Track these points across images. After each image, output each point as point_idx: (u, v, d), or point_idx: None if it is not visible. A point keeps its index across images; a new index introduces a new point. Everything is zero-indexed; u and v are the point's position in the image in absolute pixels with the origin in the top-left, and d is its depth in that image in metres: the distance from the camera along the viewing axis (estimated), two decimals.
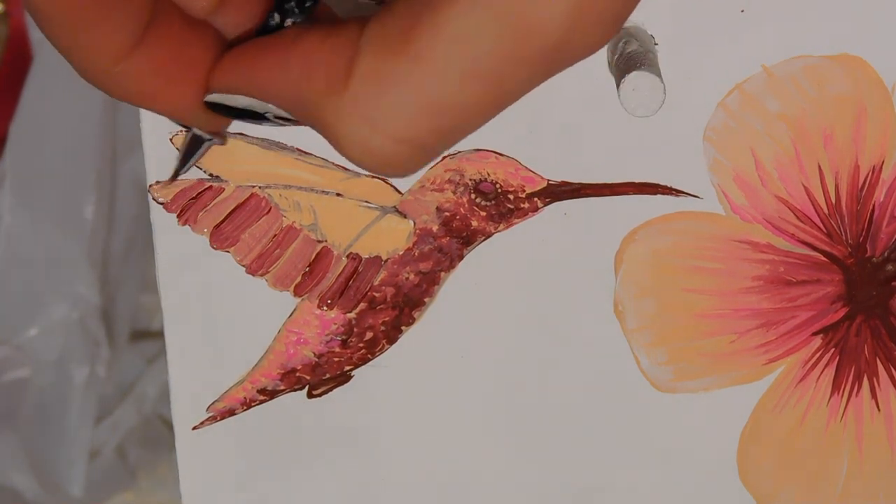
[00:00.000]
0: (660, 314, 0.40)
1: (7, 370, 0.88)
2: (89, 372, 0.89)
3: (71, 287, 0.88)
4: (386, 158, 0.29)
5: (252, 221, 0.39)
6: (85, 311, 0.89)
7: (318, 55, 0.29)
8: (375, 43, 0.29)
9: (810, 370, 0.41)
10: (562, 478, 0.42)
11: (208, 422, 0.41)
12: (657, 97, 0.35)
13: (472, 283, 0.40)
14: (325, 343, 0.40)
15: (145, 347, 0.94)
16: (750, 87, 0.38)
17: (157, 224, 0.40)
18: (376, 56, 0.29)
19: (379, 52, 0.29)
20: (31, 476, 0.87)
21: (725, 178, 0.39)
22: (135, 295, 0.93)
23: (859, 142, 0.38)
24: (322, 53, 0.29)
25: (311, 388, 0.41)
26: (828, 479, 0.42)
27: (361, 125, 0.29)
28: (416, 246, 0.39)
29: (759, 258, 0.40)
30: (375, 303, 0.40)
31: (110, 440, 0.91)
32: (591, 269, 0.40)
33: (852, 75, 0.38)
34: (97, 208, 0.88)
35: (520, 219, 0.39)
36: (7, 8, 0.91)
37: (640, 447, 0.41)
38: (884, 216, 0.39)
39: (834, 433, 0.41)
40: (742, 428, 0.41)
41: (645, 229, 0.40)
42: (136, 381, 0.93)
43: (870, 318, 0.40)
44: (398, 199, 0.39)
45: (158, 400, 0.93)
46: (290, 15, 0.31)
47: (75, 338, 0.89)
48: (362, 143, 0.29)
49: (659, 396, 0.41)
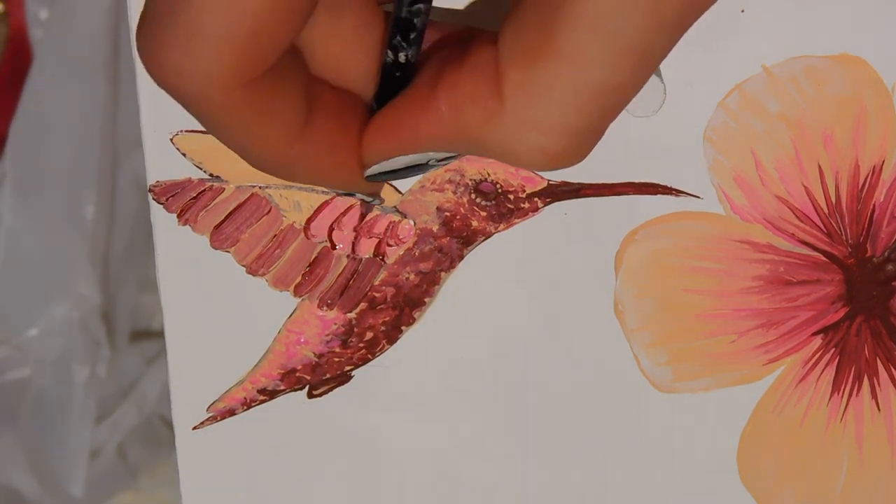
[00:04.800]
0: (660, 314, 0.40)
1: (7, 370, 0.88)
2: (89, 372, 0.89)
3: (71, 287, 0.88)
4: (560, 154, 0.30)
5: (252, 221, 0.39)
6: (85, 311, 0.89)
7: (462, 89, 0.30)
8: (516, 55, 0.29)
9: (810, 370, 0.41)
10: (562, 478, 0.42)
11: (208, 422, 0.41)
12: (657, 97, 0.35)
13: (472, 283, 0.40)
14: (326, 343, 0.40)
15: (145, 347, 0.94)
16: (750, 87, 0.38)
17: (157, 224, 0.40)
18: (522, 67, 0.29)
19: (523, 62, 0.29)
20: (31, 476, 0.87)
21: (725, 178, 0.39)
22: (135, 295, 0.93)
23: (859, 142, 0.38)
24: (465, 86, 0.30)
25: (311, 388, 0.41)
26: (828, 479, 0.42)
27: (530, 134, 0.30)
28: (416, 246, 0.39)
29: (759, 258, 0.40)
30: (376, 303, 0.40)
31: (110, 440, 0.91)
32: (591, 269, 0.40)
33: (852, 75, 0.38)
34: (97, 208, 0.88)
35: (520, 219, 0.39)
36: (7, 8, 0.91)
37: (640, 447, 0.41)
38: (884, 216, 0.39)
39: (834, 433, 0.41)
40: (742, 428, 0.41)
41: (645, 229, 0.40)
42: (136, 381, 0.93)
43: (870, 318, 0.40)
44: (398, 200, 0.39)
45: (158, 400, 0.93)
46: (400, 50, 0.31)
47: (75, 338, 0.89)
48: (537, 149, 0.30)
49: (659, 396, 0.41)
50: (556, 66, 0.29)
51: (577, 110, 0.29)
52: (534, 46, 0.29)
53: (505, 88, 0.30)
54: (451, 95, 0.30)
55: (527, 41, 0.29)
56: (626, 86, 0.30)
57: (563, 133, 0.30)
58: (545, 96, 0.29)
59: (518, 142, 0.30)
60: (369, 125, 0.32)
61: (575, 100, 0.29)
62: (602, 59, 0.29)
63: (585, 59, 0.29)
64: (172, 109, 0.39)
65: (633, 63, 0.29)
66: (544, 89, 0.29)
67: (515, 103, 0.30)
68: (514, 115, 0.30)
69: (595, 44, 0.29)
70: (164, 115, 0.39)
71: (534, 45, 0.29)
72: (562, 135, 0.30)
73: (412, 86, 0.32)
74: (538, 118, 0.30)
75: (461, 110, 0.30)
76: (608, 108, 0.30)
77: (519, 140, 0.30)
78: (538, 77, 0.29)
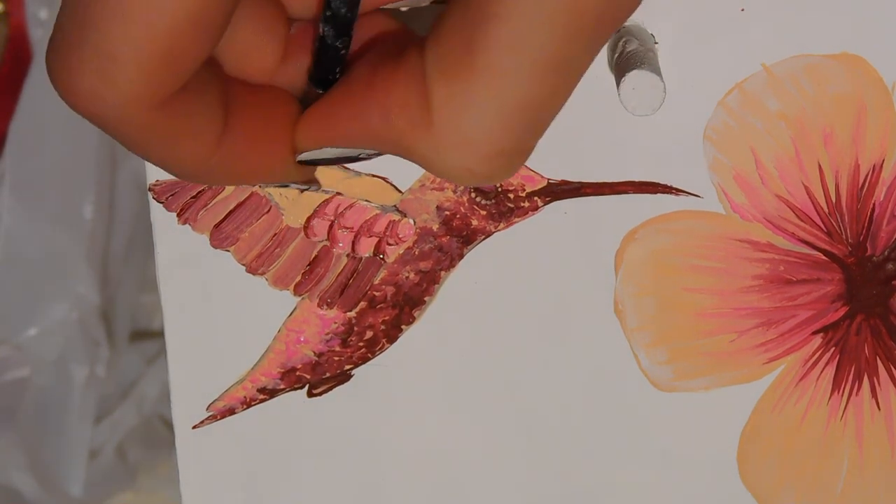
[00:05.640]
0: (660, 313, 0.40)
1: (7, 370, 0.88)
2: (89, 372, 0.89)
3: (71, 287, 0.88)
4: (486, 173, 0.30)
5: (252, 220, 0.39)
6: (85, 311, 0.89)
7: (393, 98, 0.30)
8: (439, 69, 0.29)
9: (810, 369, 0.41)
10: (562, 477, 0.42)
11: (208, 421, 0.41)
12: (657, 96, 0.35)
13: (472, 283, 0.40)
14: (325, 342, 0.40)
15: (145, 347, 0.94)
16: (750, 86, 0.38)
17: (157, 224, 0.40)
18: (445, 82, 0.29)
19: (446, 78, 0.29)
20: (31, 476, 0.87)
21: (726, 177, 0.39)
22: (135, 295, 0.93)
23: (859, 141, 0.38)
24: (396, 95, 0.30)
25: (311, 388, 0.41)
26: (828, 478, 0.42)
27: (454, 152, 0.29)
28: (416, 245, 0.39)
29: (759, 257, 0.40)
30: (375, 302, 0.40)
31: (110, 440, 0.91)
32: (591, 269, 0.40)
33: (852, 74, 0.38)
34: (97, 208, 0.88)
35: (520, 218, 0.39)
36: (7, 8, 0.91)
37: (640, 447, 0.41)
38: (884, 215, 0.39)
39: (834, 432, 0.41)
40: (742, 427, 0.41)
41: (645, 229, 0.40)
42: (136, 381, 0.93)
43: (870, 317, 0.40)
44: (398, 198, 0.39)
45: (158, 400, 0.93)
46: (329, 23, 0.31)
47: (75, 338, 0.89)
48: (461, 168, 0.30)
49: (659, 396, 0.41)
50: (476, 83, 0.29)
51: (501, 128, 0.29)
52: (455, 61, 0.29)
53: (431, 102, 0.29)
54: (382, 102, 0.30)
55: (450, 56, 0.29)
56: (549, 101, 0.29)
57: (484, 154, 0.29)
58: (468, 113, 0.29)
59: (441, 159, 0.30)
60: (303, 116, 0.32)
61: (498, 117, 0.29)
62: (521, 74, 0.28)
63: (506, 75, 0.28)
64: None
65: (553, 78, 0.29)
66: (467, 106, 0.29)
67: (441, 118, 0.29)
68: (440, 130, 0.29)
69: (513, 60, 0.28)
70: None
71: (455, 60, 0.29)
72: (483, 156, 0.29)
73: (347, 80, 0.31)
74: (461, 138, 0.29)
75: (390, 118, 0.30)
76: (532, 125, 0.29)
77: (442, 158, 0.29)
78: (461, 93, 0.29)
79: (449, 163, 0.30)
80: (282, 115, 0.32)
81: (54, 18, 0.78)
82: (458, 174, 0.30)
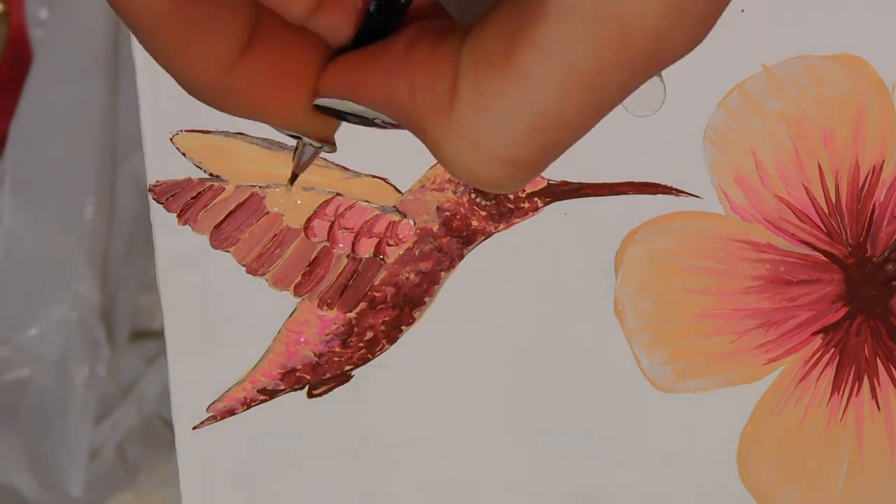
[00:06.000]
0: (660, 314, 0.40)
1: (7, 370, 0.88)
2: (89, 372, 0.89)
3: (71, 287, 0.88)
4: (492, 179, 0.29)
5: (252, 221, 0.39)
6: (85, 311, 0.89)
7: (424, 75, 0.29)
8: (474, 60, 0.28)
9: (810, 370, 0.41)
10: (562, 478, 0.42)
11: (208, 422, 0.41)
12: (657, 97, 0.35)
13: (472, 283, 0.40)
14: (326, 343, 0.40)
15: (145, 347, 0.94)
16: (750, 86, 0.38)
17: (157, 224, 0.40)
18: (477, 76, 0.28)
19: (479, 73, 0.28)
20: (31, 476, 0.87)
21: (725, 177, 0.39)
22: (135, 295, 0.93)
23: (859, 142, 0.38)
24: (427, 72, 0.29)
25: (311, 388, 0.41)
26: (828, 479, 0.42)
27: (467, 148, 0.29)
28: (416, 245, 0.39)
29: (759, 258, 0.40)
30: (376, 302, 0.40)
31: (110, 440, 0.91)
32: (591, 269, 0.40)
33: (852, 75, 0.38)
34: (97, 208, 0.88)
35: (520, 218, 0.39)
36: (7, 8, 0.91)
37: (640, 447, 0.41)
38: (884, 216, 0.39)
39: (834, 433, 0.41)
40: (742, 428, 0.41)
41: (645, 229, 0.40)
42: (136, 381, 0.93)
43: (870, 318, 0.40)
44: (398, 199, 0.39)
45: (158, 400, 0.92)
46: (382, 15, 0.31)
47: (75, 338, 0.89)
48: (468, 165, 0.29)
49: (659, 396, 0.41)
50: (508, 85, 0.28)
51: (519, 136, 0.28)
52: (491, 55, 0.28)
53: (458, 92, 0.29)
54: (412, 74, 0.29)
55: (488, 49, 0.28)
56: (571, 123, 0.28)
57: (496, 159, 0.29)
58: (491, 115, 0.28)
59: (452, 151, 0.29)
60: (334, 61, 0.31)
61: (518, 124, 0.28)
62: (551, 88, 0.28)
63: (536, 85, 0.28)
64: (172, 109, 0.39)
65: (581, 99, 0.28)
66: (491, 104, 0.28)
67: (463, 109, 0.29)
68: (457, 123, 0.29)
69: (547, 70, 0.27)
70: (164, 115, 0.39)
71: (492, 54, 0.28)
72: (495, 160, 0.29)
73: (387, 42, 0.31)
74: (478, 136, 0.28)
75: (413, 95, 0.29)
76: (549, 143, 0.29)
77: (454, 150, 0.29)
78: (490, 91, 0.28)
79: (457, 156, 0.29)
80: (307, 56, 0.32)
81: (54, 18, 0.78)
82: (462, 171, 0.29)
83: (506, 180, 0.29)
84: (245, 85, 0.31)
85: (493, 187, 0.30)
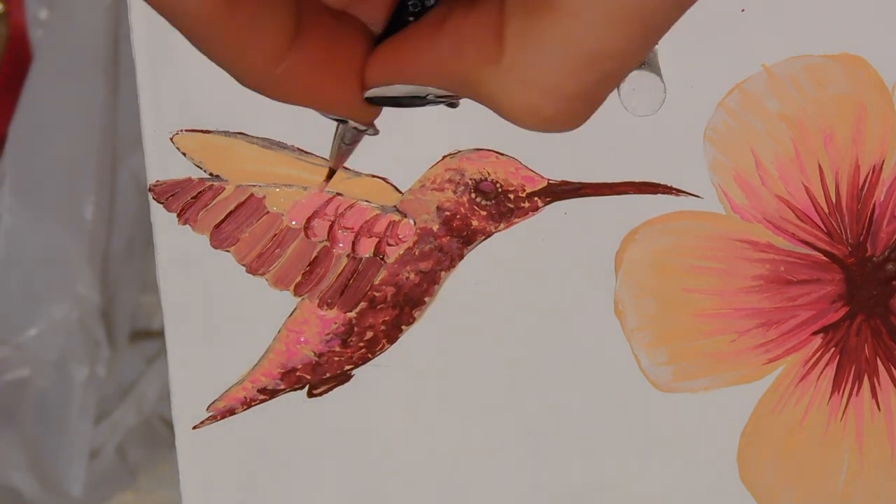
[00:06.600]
0: (660, 314, 0.40)
1: (7, 370, 0.88)
2: (89, 372, 0.89)
3: (71, 287, 0.88)
4: (553, 117, 0.30)
5: (252, 221, 0.39)
6: (85, 311, 0.89)
7: (466, 31, 0.30)
8: (519, 5, 0.29)
9: (810, 370, 0.41)
10: (562, 477, 0.42)
11: (208, 421, 0.41)
12: (657, 97, 0.35)
13: (472, 283, 0.40)
14: (326, 342, 0.40)
15: (145, 347, 0.94)
16: (750, 86, 0.38)
17: (157, 224, 0.40)
18: (523, 18, 0.29)
19: (524, 13, 0.29)
20: (31, 476, 0.87)
21: (726, 177, 0.39)
22: (135, 295, 0.93)
23: (859, 141, 0.38)
24: (469, 28, 0.30)
25: (311, 388, 0.41)
26: (828, 478, 0.42)
27: (522, 89, 0.29)
28: (416, 245, 0.39)
29: (760, 258, 0.40)
30: (376, 302, 0.40)
31: (110, 440, 0.91)
32: (591, 269, 0.40)
33: (852, 75, 0.38)
34: (97, 208, 0.88)
35: (520, 218, 0.39)
36: (7, 8, 0.91)
37: (640, 447, 0.41)
38: (884, 215, 0.39)
39: (834, 433, 0.41)
40: (742, 428, 0.41)
41: (645, 229, 0.40)
42: (136, 381, 0.93)
43: (870, 318, 0.40)
44: (398, 199, 0.39)
45: (158, 400, 0.92)
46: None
47: (75, 338, 0.89)
48: (527, 106, 0.29)
49: (659, 396, 0.41)
50: (554, 22, 0.28)
51: (570, 71, 0.29)
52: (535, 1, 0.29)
53: (505, 37, 0.29)
54: (454, 34, 0.30)
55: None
56: (623, 53, 0.29)
57: (553, 95, 0.29)
58: (541, 52, 0.29)
59: (508, 96, 0.29)
60: (375, 50, 0.32)
61: (568, 59, 0.28)
62: (598, 21, 0.28)
63: (582, 19, 0.28)
64: (172, 109, 0.39)
65: (632, 29, 0.28)
66: (540, 44, 0.29)
67: (513, 54, 0.29)
68: (510, 66, 0.29)
69: (592, 5, 0.28)
70: (164, 114, 0.39)
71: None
72: (554, 97, 0.29)
73: (421, 20, 0.31)
74: (531, 75, 0.29)
75: (462, 51, 0.30)
76: (603, 75, 0.29)
77: (510, 94, 0.29)
78: (537, 30, 0.28)
79: (515, 100, 0.29)
80: (353, 43, 0.32)
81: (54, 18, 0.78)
82: (524, 114, 0.30)
83: (569, 115, 0.30)
84: (298, 73, 0.31)
85: (559, 125, 0.30)
